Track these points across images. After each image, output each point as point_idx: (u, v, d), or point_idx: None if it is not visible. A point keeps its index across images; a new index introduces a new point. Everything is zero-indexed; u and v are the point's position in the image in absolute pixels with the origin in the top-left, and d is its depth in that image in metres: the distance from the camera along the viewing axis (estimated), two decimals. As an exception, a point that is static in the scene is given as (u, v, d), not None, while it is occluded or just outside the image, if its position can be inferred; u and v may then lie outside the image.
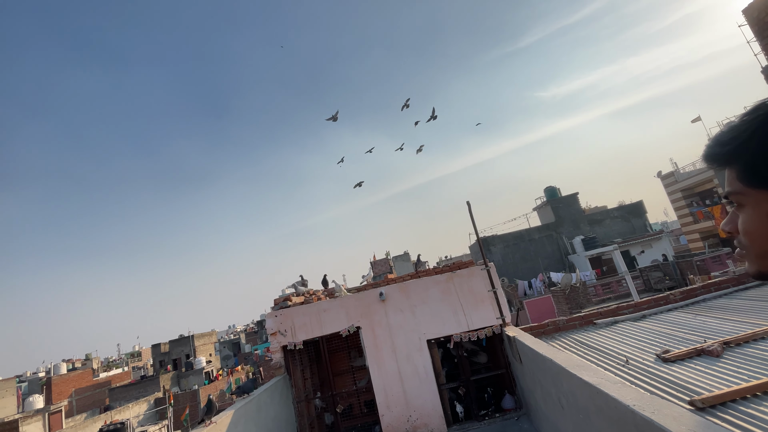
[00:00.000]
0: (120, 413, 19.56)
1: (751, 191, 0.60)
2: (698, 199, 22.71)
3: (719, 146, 0.63)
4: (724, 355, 4.21)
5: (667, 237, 23.35)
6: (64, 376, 31.21)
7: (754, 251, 0.63)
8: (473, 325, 7.03)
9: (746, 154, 0.59)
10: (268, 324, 7.38)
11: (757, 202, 0.60)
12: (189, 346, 37.61)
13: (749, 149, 0.58)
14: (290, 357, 7.30)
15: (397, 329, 7.17)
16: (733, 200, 0.65)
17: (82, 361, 48.61)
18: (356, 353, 8.82)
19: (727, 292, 6.88)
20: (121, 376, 36.92)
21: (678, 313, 6.50)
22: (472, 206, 7.57)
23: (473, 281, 7.24)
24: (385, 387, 6.97)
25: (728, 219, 0.68)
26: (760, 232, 0.61)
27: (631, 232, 25.07)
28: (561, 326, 7.04)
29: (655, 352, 4.76)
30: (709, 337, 4.81)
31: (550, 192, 27.04)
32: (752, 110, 0.59)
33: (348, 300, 7.42)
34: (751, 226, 0.62)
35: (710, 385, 3.59)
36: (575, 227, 25.06)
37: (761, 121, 0.57)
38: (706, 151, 0.67)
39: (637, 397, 2.53)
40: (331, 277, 10.11)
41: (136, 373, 39.50)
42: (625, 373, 4.43)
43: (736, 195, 0.63)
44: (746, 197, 0.61)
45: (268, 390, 6.32)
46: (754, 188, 0.59)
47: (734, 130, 0.61)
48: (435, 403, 6.84)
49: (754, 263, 0.64)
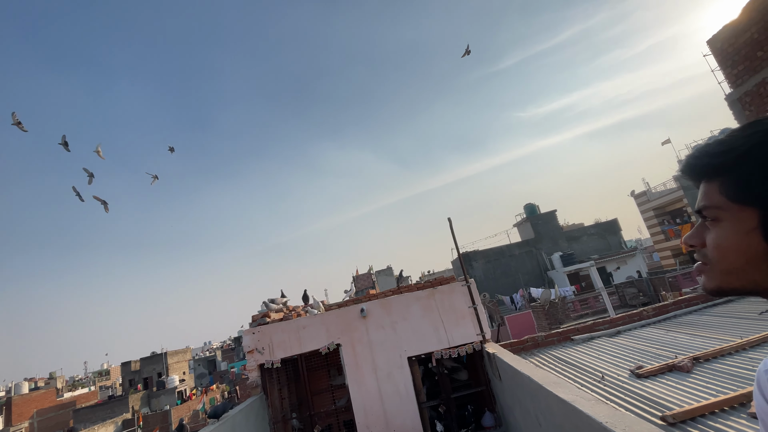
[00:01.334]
0: (84, 437, 18.46)
1: (734, 206, 0.59)
2: (669, 217, 23.65)
3: (708, 157, 0.62)
4: (694, 371, 4.34)
5: (640, 254, 24.12)
6: (25, 396, 29.43)
7: (720, 267, 0.62)
8: (454, 341, 7.02)
9: (739, 168, 0.58)
10: (245, 341, 7.19)
11: (738, 219, 0.59)
12: (161, 363, 36.10)
13: (744, 164, 0.58)
14: (267, 376, 7.11)
15: (378, 346, 7.09)
16: (708, 214, 0.63)
17: (45, 380, 45.93)
18: (336, 371, 8.65)
19: (696, 309, 7.13)
20: (88, 396, 35.08)
21: (651, 329, 6.68)
22: (454, 222, 7.67)
23: (454, 297, 7.27)
24: (365, 406, 6.84)
25: (694, 233, 0.67)
26: (735, 248, 0.59)
27: (607, 248, 25.79)
28: (540, 342, 7.12)
29: (629, 367, 4.86)
30: (680, 353, 4.95)
31: (530, 209, 27.66)
32: (747, 126, 0.60)
33: (328, 316, 7.32)
34: (726, 242, 0.60)
35: (681, 400, 3.69)
36: (554, 243, 25.62)
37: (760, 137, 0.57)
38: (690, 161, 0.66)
39: (610, 414, 2.58)
40: (313, 292, 9.96)
41: (104, 393, 37.66)
42: (600, 389, 4.50)
43: (714, 209, 0.62)
44: (725, 212, 0.60)
45: (243, 411, 6.12)
46: (739, 204, 0.59)
47: (726, 143, 0.60)
48: (415, 422, 6.75)
49: (716, 279, 0.63)
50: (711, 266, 0.64)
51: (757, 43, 5.59)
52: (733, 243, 0.60)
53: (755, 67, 5.71)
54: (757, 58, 5.63)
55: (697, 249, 0.66)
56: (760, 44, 5.55)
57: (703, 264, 0.65)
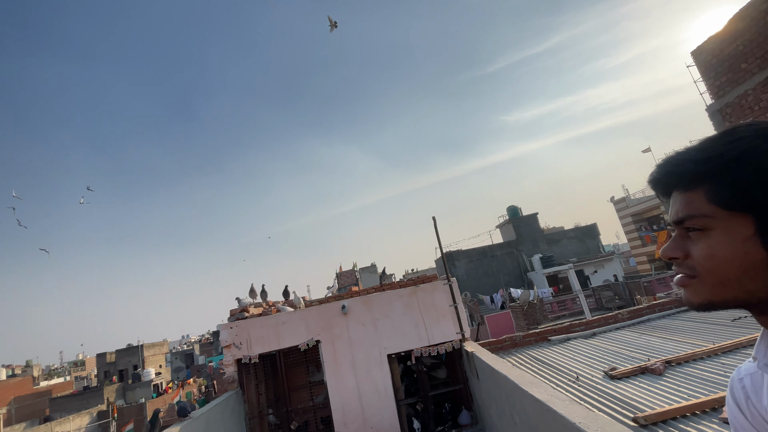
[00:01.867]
0: (60, 425, 17.96)
1: (725, 214, 0.56)
2: (646, 224, 24.33)
3: (692, 164, 0.59)
4: (666, 374, 4.44)
5: (618, 258, 24.75)
6: (2, 383, 28.63)
7: (712, 279, 0.58)
8: (434, 339, 7.05)
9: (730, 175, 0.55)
10: (223, 336, 7.05)
11: (731, 227, 0.56)
12: (137, 356, 35.34)
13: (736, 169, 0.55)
14: (245, 371, 6.99)
15: (358, 343, 7.06)
16: (694, 224, 0.59)
17: (22, 368, 44.54)
18: (314, 368, 8.59)
19: (670, 313, 7.33)
20: (63, 386, 34.22)
21: (625, 331, 6.84)
22: (438, 221, 7.67)
23: (436, 295, 7.29)
24: (343, 403, 6.80)
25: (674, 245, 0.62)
26: (729, 258, 0.56)
27: (586, 252, 26.37)
28: (518, 342, 7.21)
29: (603, 369, 4.96)
30: (652, 356, 5.07)
31: (512, 211, 28.05)
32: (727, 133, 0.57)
33: (309, 312, 7.24)
34: (720, 252, 0.56)
35: (653, 403, 3.77)
36: (534, 246, 26.05)
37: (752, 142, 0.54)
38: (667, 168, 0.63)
39: (584, 415, 2.60)
40: (296, 288, 9.85)
41: (79, 384, 36.68)
42: (575, 389, 4.57)
43: (701, 218, 0.58)
44: (716, 220, 0.57)
45: (218, 405, 6.00)
46: (732, 211, 0.55)
47: (710, 150, 0.58)
48: (393, 420, 6.75)
49: (706, 292, 0.59)
50: (699, 279, 0.59)
51: (742, 55, 5.72)
52: (727, 253, 0.56)
53: (738, 79, 5.86)
54: (741, 69, 5.77)
55: (680, 261, 0.62)
56: (745, 56, 5.68)
57: (689, 277, 0.61)
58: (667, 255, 0.63)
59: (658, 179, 0.65)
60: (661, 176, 0.64)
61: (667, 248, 0.63)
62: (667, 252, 0.63)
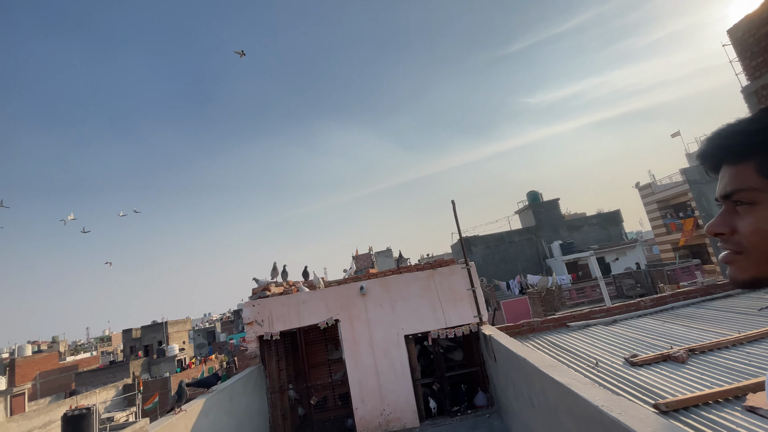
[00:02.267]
0: (86, 398, 19.02)
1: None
2: (672, 211, 23.52)
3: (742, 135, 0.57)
4: (689, 362, 4.37)
5: (641, 246, 24.14)
6: (28, 358, 30.20)
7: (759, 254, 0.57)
8: (451, 322, 7.10)
9: None
10: (245, 313, 7.28)
11: None
12: (162, 332, 36.83)
13: None
14: (266, 347, 7.22)
15: (376, 323, 7.18)
16: (743, 198, 0.58)
17: (48, 344, 46.97)
18: (333, 346, 8.80)
19: (695, 302, 7.15)
20: (89, 361, 35.91)
21: (647, 319, 6.72)
22: (456, 207, 7.62)
23: (453, 279, 7.30)
24: (360, 381, 6.98)
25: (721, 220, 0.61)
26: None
27: (608, 239, 25.79)
28: (535, 327, 7.19)
29: (624, 356, 4.91)
30: (675, 344, 4.99)
31: (533, 196, 27.53)
32: None
33: (328, 293, 7.38)
34: None
35: (675, 390, 3.72)
36: (554, 232, 25.61)
37: None
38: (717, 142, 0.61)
39: (606, 398, 2.60)
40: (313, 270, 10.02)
41: (105, 358, 38.53)
42: (594, 375, 4.55)
43: (750, 192, 0.57)
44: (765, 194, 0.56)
45: (241, 380, 6.24)
46: None
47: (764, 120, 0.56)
48: (409, 398, 6.90)
49: (753, 268, 0.58)
50: (746, 254, 0.58)
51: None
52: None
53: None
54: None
55: (726, 237, 0.61)
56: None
57: (735, 253, 0.60)
58: (712, 230, 0.62)
59: (708, 152, 0.63)
60: (710, 149, 0.62)
61: (713, 223, 0.62)
62: (712, 227, 0.62)
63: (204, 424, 4.85)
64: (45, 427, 15.39)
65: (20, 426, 14.75)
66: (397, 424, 6.81)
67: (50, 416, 15.72)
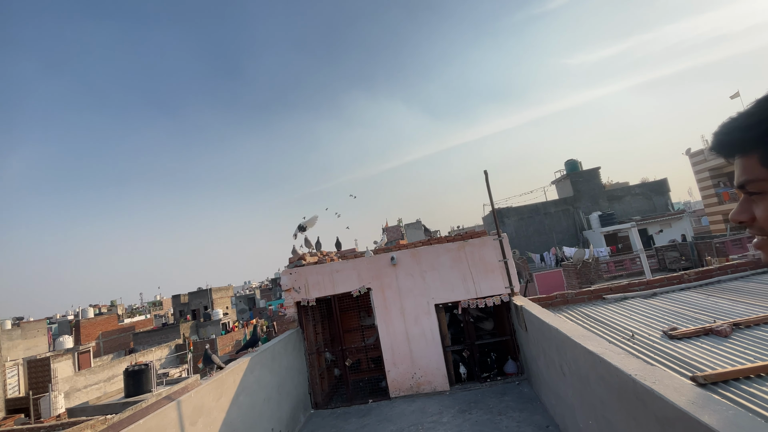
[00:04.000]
0: (144, 356, 20.96)
1: None
2: (726, 180, 21.82)
3: (740, 131, 0.61)
4: (733, 336, 4.21)
5: (688, 217, 22.75)
6: (91, 320, 33.41)
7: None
8: (482, 292, 7.14)
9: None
10: (283, 280, 7.65)
11: None
12: (207, 298, 39.38)
13: None
14: (303, 312, 7.62)
15: (407, 292, 7.35)
16: (753, 188, 0.62)
17: (107, 307, 51.44)
18: (365, 313, 9.13)
19: (744, 275, 6.77)
20: (144, 323, 39.20)
21: (690, 292, 6.46)
22: (488, 177, 7.46)
23: (485, 251, 7.28)
24: (392, 345, 7.26)
25: (741, 208, 0.66)
26: None
27: (652, 210, 24.47)
28: (569, 299, 7.10)
29: (662, 329, 4.79)
30: (719, 318, 4.80)
31: (571, 165, 26.33)
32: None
33: (360, 262, 7.59)
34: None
35: (714, 363, 3.63)
36: (594, 203, 24.57)
37: None
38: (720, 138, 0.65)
39: (640, 368, 2.59)
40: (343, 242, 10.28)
41: (158, 321, 41.77)
42: (629, 346, 4.50)
43: (758, 182, 0.61)
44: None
45: (282, 341, 6.67)
46: None
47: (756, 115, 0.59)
48: (439, 363, 7.12)
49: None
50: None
51: None
52: None
53: None
54: None
55: (748, 224, 0.65)
56: None
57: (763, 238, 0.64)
58: (735, 219, 0.67)
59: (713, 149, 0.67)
60: (715, 146, 0.67)
61: (735, 212, 0.67)
62: (735, 216, 0.67)
63: (250, 380, 5.27)
64: (109, 381, 17.21)
65: (87, 379, 16.56)
66: (428, 387, 7.09)
67: (113, 371, 17.51)
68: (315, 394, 7.43)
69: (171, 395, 4.43)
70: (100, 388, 16.59)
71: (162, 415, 3.58)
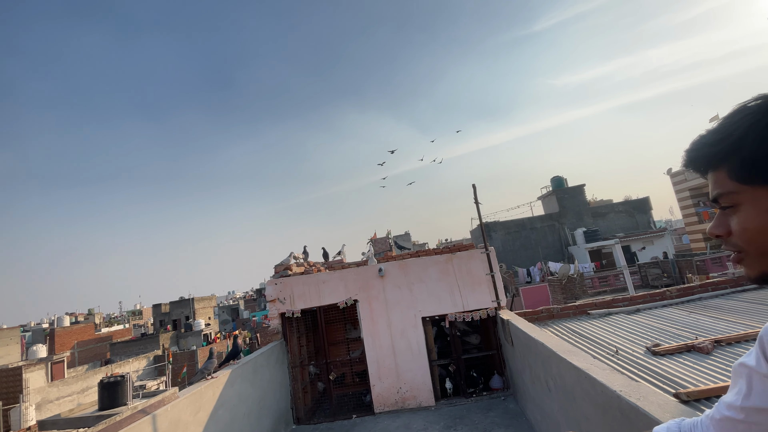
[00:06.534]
0: (120, 367, 20.23)
1: (748, 188, 0.59)
2: (706, 199, 22.48)
3: (707, 147, 0.63)
4: (714, 353, 4.26)
5: (669, 235, 23.30)
6: (67, 329, 32.22)
7: (754, 251, 0.61)
8: (469, 306, 7.13)
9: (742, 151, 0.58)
10: (268, 291, 7.52)
11: (756, 199, 0.59)
12: (189, 308, 38.46)
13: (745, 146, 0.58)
14: (288, 324, 7.47)
15: (394, 305, 7.29)
16: (725, 202, 0.63)
17: (84, 316, 49.80)
18: (351, 326, 9.01)
19: (724, 293, 6.91)
20: (122, 332, 37.99)
21: (672, 309, 6.56)
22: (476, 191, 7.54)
23: (472, 264, 7.30)
24: (378, 359, 7.15)
25: (717, 222, 0.66)
26: (761, 229, 0.59)
27: (635, 227, 24.99)
28: (555, 314, 7.13)
29: (646, 345, 4.83)
30: (700, 335, 4.87)
31: (557, 182, 26.84)
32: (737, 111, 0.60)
33: (347, 273, 7.52)
34: (751, 224, 0.60)
35: (697, 380, 3.66)
36: (578, 219, 25.00)
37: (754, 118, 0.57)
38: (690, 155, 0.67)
39: (625, 384, 2.59)
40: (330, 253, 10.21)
41: (137, 331, 40.58)
42: (613, 362, 4.51)
43: (729, 195, 0.62)
44: (742, 195, 0.60)
45: (265, 353, 6.51)
46: (752, 185, 0.59)
47: (720, 131, 0.61)
48: (425, 377, 7.03)
49: (756, 264, 0.62)
50: (746, 253, 0.63)
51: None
52: (757, 224, 0.59)
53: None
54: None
55: (725, 239, 0.66)
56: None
57: (738, 253, 0.65)
58: (712, 233, 0.68)
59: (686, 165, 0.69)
60: (687, 162, 0.69)
61: (712, 226, 0.68)
62: (711, 230, 0.68)
63: (230, 394, 5.11)
64: (83, 392, 16.53)
65: (60, 391, 15.88)
66: (413, 402, 6.98)
67: (87, 382, 16.84)
68: (297, 408, 7.24)
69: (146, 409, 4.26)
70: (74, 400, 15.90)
71: (136, 429, 3.43)
